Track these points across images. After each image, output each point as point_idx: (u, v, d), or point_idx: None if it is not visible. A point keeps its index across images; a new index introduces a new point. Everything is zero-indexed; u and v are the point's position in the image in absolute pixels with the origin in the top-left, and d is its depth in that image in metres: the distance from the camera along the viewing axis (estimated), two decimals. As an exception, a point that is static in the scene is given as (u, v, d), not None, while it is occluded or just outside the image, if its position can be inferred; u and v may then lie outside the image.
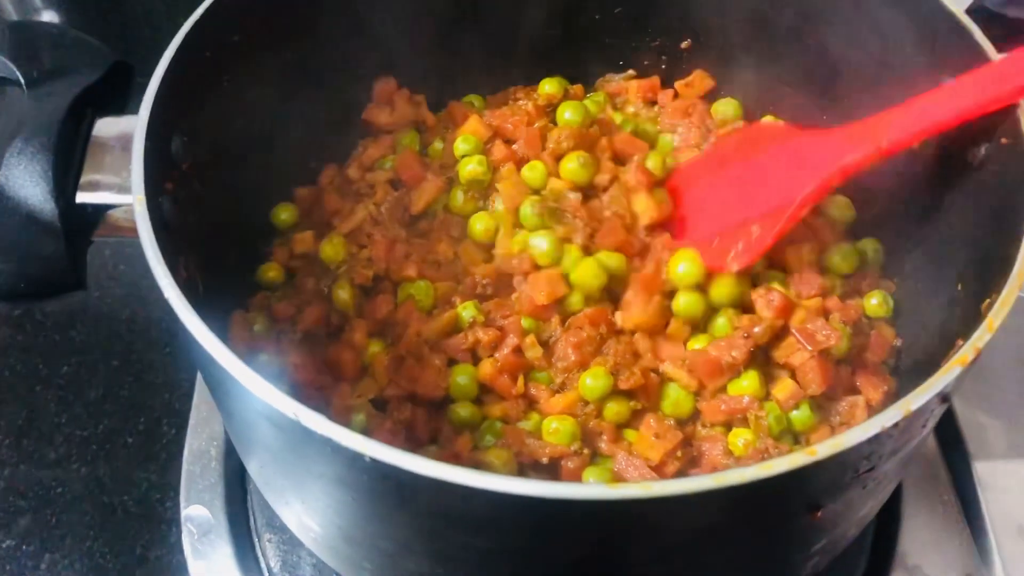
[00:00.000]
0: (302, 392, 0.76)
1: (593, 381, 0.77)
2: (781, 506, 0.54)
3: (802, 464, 0.49)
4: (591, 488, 0.49)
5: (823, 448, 0.50)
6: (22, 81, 0.71)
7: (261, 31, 0.83)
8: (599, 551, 0.55)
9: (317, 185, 0.93)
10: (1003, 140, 0.68)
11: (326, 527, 0.65)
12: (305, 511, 0.66)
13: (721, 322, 0.80)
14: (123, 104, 0.72)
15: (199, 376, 0.97)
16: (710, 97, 1.00)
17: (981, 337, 0.55)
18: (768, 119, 0.96)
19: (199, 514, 0.89)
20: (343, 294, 0.83)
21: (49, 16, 1.39)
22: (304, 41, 0.88)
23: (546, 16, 0.99)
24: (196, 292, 0.75)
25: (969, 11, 0.79)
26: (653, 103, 1.01)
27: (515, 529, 0.53)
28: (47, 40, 0.73)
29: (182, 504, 0.90)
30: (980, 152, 0.71)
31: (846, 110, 0.89)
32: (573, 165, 0.88)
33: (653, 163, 0.89)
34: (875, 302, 0.84)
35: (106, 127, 0.71)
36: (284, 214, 0.90)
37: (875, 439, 0.51)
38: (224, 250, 0.82)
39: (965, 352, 0.54)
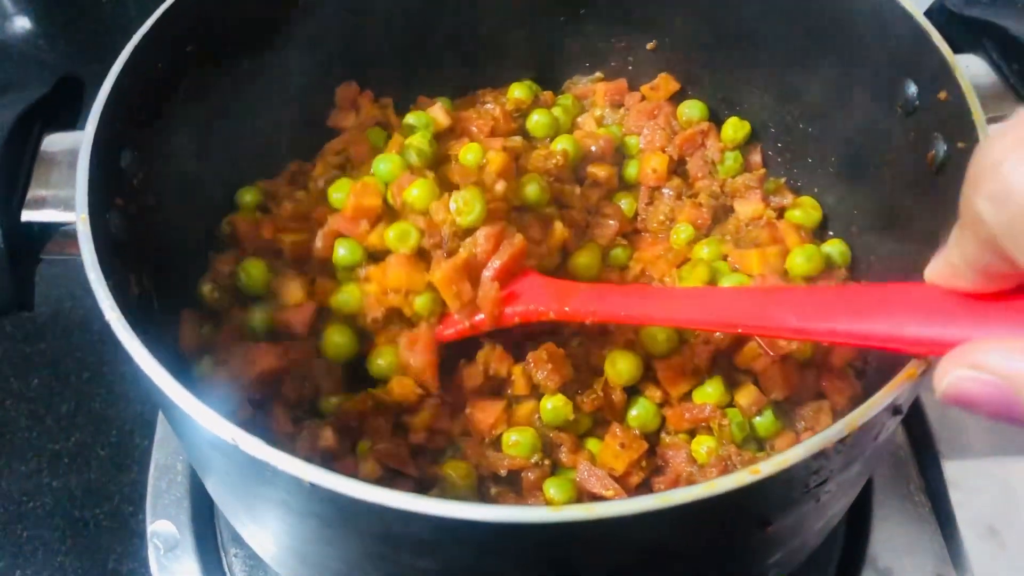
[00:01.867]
0: (252, 399, 0.75)
1: (554, 406, 0.76)
2: (728, 523, 0.54)
3: (746, 483, 0.49)
4: (531, 512, 0.48)
5: (766, 466, 0.49)
6: (-32, 97, 0.70)
7: (217, 40, 0.82)
8: (546, 572, 0.54)
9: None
10: (959, 144, 0.67)
11: (279, 547, 0.65)
12: (259, 531, 0.65)
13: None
14: (75, 119, 0.71)
15: None
16: (677, 99, 0.99)
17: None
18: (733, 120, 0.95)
19: (165, 529, 0.88)
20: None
21: (21, 22, 1.38)
22: (263, 49, 0.87)
23: (512, 18, 0.98)
24: (151, 307, 0.75)
25: (929, 11, 0.79)
26: (620, 106, 1.01)
27: (459, 551, 0.53)
28: (-7, 54, 0.72)
29: (148, 519, 0.89)
30: (938, 156, 0.70)
31: (810, 110, 0.90)
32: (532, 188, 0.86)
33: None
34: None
35: (54, 143, 0.71)
36: (248, 196, 0.89)
37: (821, 455, 0.51)
38: (181, 262, 0.82)
39: (914, 366, 0.53)
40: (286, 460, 0.50)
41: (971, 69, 0.73)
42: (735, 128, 0.95)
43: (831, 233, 0.91)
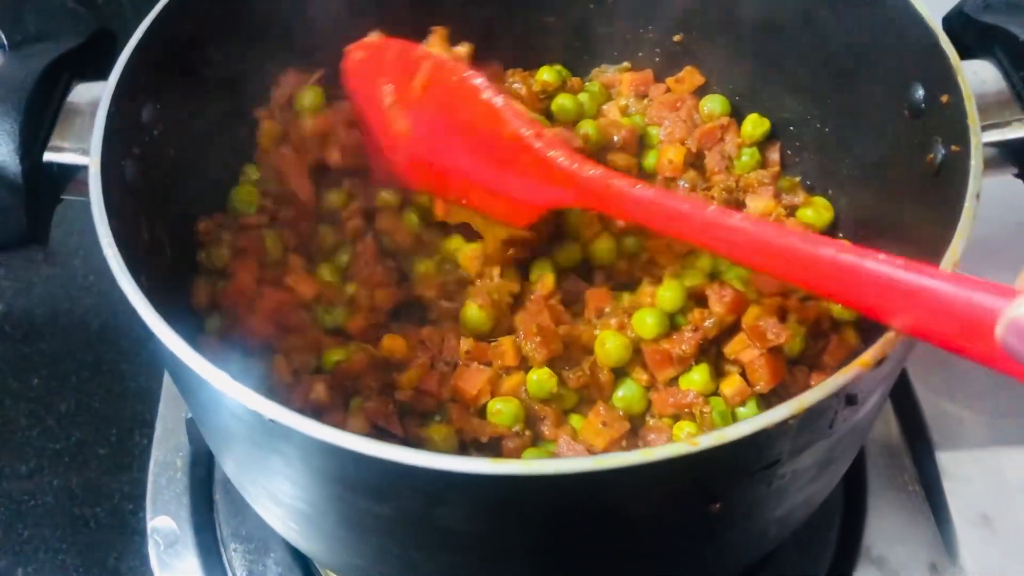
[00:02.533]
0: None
1: (538, 378, 0.77)
2: (670, 494, 0.55)
3: (683, 452, 0.50)
4: (470, 462, 0.50)
5: (706, 439, 0.50)
6: (5, 43, 0.75)
7: (243, 4, 0.85)
8: (492, 524, 0.56)
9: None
10: (954, 148, 0.67)
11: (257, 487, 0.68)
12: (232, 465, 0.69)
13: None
14: (105, 71, 0.75)
15: (164, 386, 0.98)
16: (701, 93, 1.00)
17: (888, 341, 0.55)
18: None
19: (165, 525, 0.90)
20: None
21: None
22: (289, 13, 0.90)
23: (544, 5, 1.00)
24: (162, 256, 0.78)
25: (949, 16, 0.79)
26: (644, 96, 1.02)
27: (410, 499, 0.55)
28: (34, 5, 0.77)
29: (148, 515, 0.90)
30: (937, 158, 0.70)
31: (828, 111, 0.90)
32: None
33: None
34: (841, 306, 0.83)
35: (81, 92, 0.75)
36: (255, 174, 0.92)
37: (765, 434, 0.52)
38: (200, 212, 0.86)
39: (867, 356, 0.54)
40: (250, 396, 0.53)
41: (979, 74, 0.73)
42: (754, 124, 0.95)
43: (840, 235, 0.91)
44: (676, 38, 0.99)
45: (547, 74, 0.99)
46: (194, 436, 0.92)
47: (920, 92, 0.74)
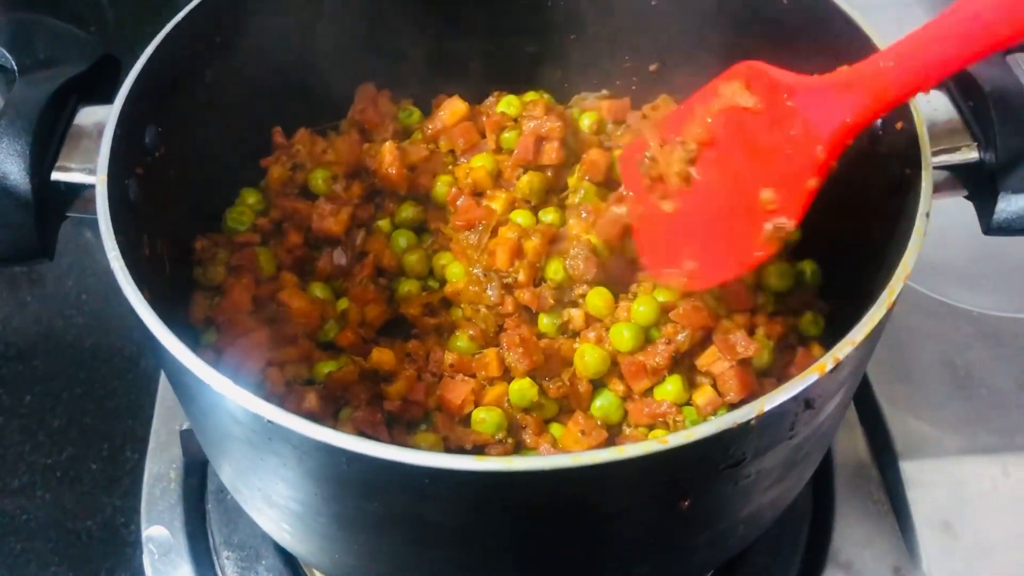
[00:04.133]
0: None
1: (519, 387, 0.82)
2: (641, 491, 0.59)
3: (654, 450, 0.54)
4: (458, 459, 0.54)
5: (674, 438, 0.54)
6: (15, 68, 0.79)
7: (244, 34, 0.90)
8: (475, 519, 0.60)
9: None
10: (907, 171, 0.72)
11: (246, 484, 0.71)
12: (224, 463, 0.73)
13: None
14: (110, 95, 0.78)
15: (158, 399, 1.01)
16: (676, 119, 1.05)
17: (842, 348, 0.59)
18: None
19: (159, 534, 0.93)
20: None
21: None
22: (290, 45, 0.95)
23: (527, 35, 1.05)
24: (162, 271, 0.82)
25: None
26: (622, 122, 1.06)
27: (399, 495, 0.59)
28: (43, 32, 0.81)
29: (143, 525, 0.93)
30: (894, 180, 0.75)
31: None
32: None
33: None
34: (808, 320, 0.88)
35: (87, 115, 0.78)
36: (250, 198, 0.96)
37: (729, 434, 0.56)
38: (197, 231, 0.90)
39: (824, 361, 0.58)
40: (249, 398, 0.56)
41: (932, 103, 0.77)
42: (726, 149, 1.00)
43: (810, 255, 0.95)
44: (652, 67, 1.04)
45: (504, 107, 1.03)
46: (188, 448, 0.95)
47: (878, 121, 0.78)
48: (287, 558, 0.92)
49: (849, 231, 0.86)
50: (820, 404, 0.61)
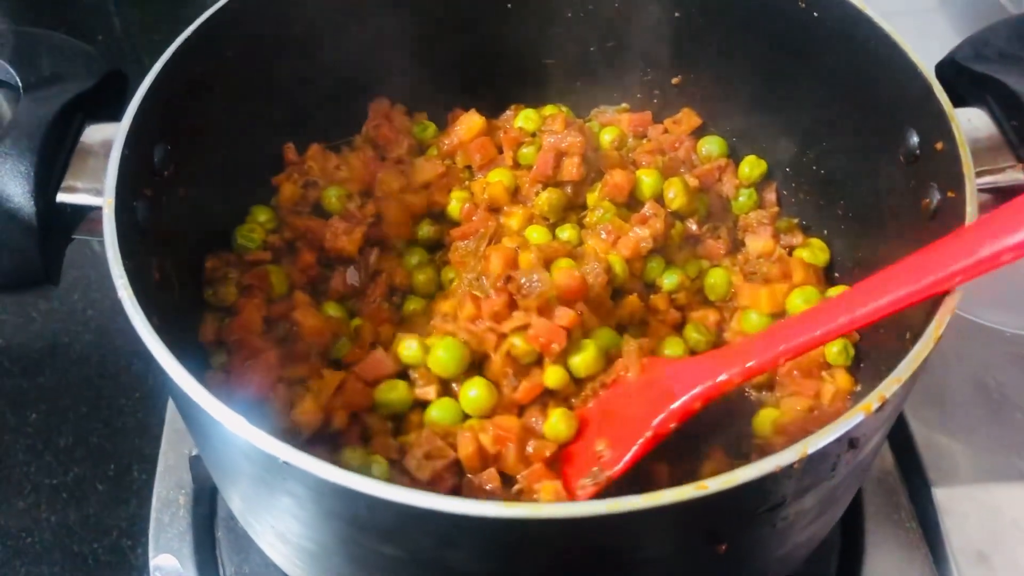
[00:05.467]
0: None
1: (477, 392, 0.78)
2: (678, 536, 0.56)
3: (691, 496, 0.51)
4: (485, 506, 0.51)
5: (714, 483, 0.51)
6: (20, 85, 0.76)
7: (256, 48, 0.87)
8: (501, 566, 0.57)
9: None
10: (949, 194, 0.69)
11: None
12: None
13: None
14: (117, 111, 0.76)
15: (167, 422, 0.98)
16: (699, 134, 1.02)
17: (888, 386, 0.56)
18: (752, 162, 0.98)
19: (168, 563, 0.89)
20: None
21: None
22: (302, 59, 0.92)
23: (544, 47, 1.03)
24: (171, 296, 0.79)
25: (941, 64, 0.81)
26: (643, 136, 1.04)
27: (419, 540, 0.56)
28: (48, 47, 0.78)
29: (151, 553, 0.90)
30: (932, 204, 0.72)
31: (824, 154, 0.92)
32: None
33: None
34: (835, 350, 0.85)
35: (94, 133, 0.76)
36: (262, 216, 0.93)
37: (771, 479, 0.53)
38: (208, 251, 0.87)
39: (869, 400, 0.55)
40: (263, 438, 0.54)
41: (972, 122, 0.75)
42: (752, 166, 0.98)
43: (837, 275, 0.93)
44: (674, 80, 1.01)
45: (522, 121, 1.01)
46: (197, 473, 0.92)
47: (915, 139, 0.76)
48: (300, 590, 0.89)
49: (885, 257, 0.82)
50: (863, 443, 0.58)
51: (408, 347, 0.81)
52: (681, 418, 0.71)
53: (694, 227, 0.95)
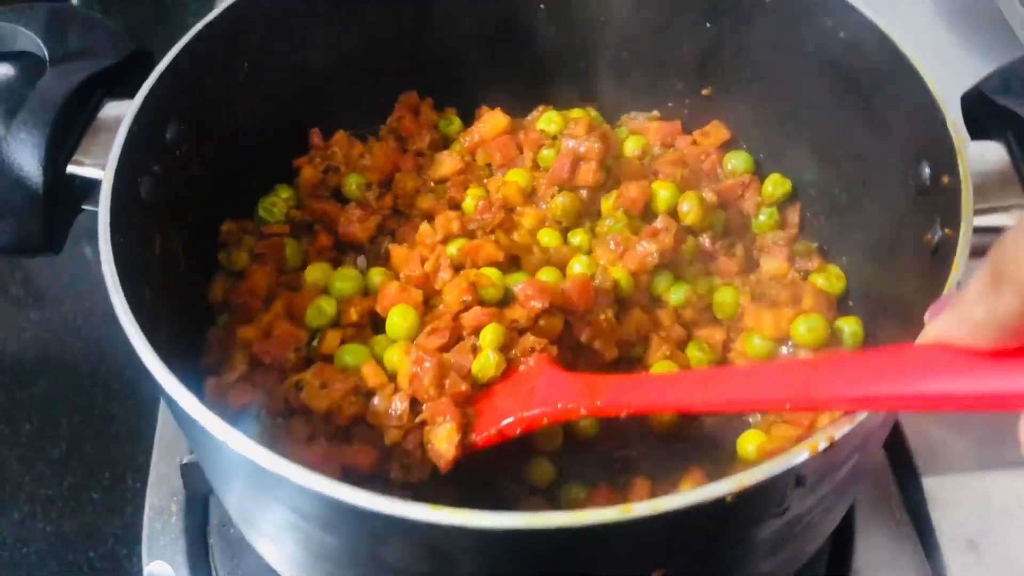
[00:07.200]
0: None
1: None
2: (604, 556, 0.55)
3: (615, 519, 0.50)
4: (483, 517, 0.51)
5: (640, 508, 0.51)
6: (47, 58, 0.79)
7: (283, 35, 0.88)
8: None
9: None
10: (946, 231, 0.66)
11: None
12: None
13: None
14: (137, 90, 0.78)
15: (158, 431, 0.98)
16: (727, 147, 1.00)
17: (839, 426, 0.54)
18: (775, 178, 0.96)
19: (161, 570, 0.90)
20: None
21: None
22: (332, 48, 0.94)
23: (576, 50, 1.02)
24: (178, 269, 0.82)
25: (967, 94, 0.78)
26: (671, 146, 1.02)
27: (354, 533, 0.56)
28: (76, 23, 0.81)
29: (144, 560, 0.90)
30: (934, 239, 0.70)
31: (846, 179, 0.90)
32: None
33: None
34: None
35: (111, 109, 0.78)
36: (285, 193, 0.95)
37: (705, 508, 0.52)
38: (223, 218, 0.90)
39: (817, 439, 0.54)
40: (263, 455, 0.54)
41: (987, 156, 0.72)
42: (775, 184, 0.95)
43: (851, 303, 0.90)
44: (704, 91, 1.00)
45: (544, 124, 1.01)
46: (189, 481, 0.92)
47: (927, 170, 0.73)
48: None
49: (899, 291, 0.80)
50: (815, 482, 0.57)
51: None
52: (527, 428, 0.72)
53: (707, 243, 0.93)
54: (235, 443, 0.55)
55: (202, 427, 0.56)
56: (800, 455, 0.53)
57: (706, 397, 0.63)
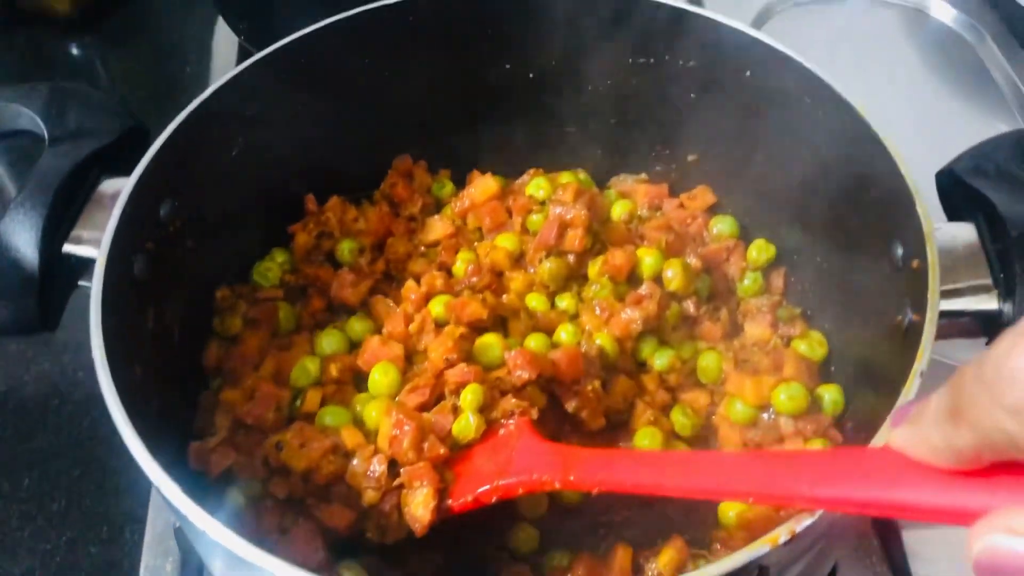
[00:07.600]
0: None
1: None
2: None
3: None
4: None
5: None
6: (47, 137, 0.82)
7: (277, 109, 0.91)
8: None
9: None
10: (914, 316, 0.68)
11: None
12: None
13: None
14: (133, 167, 0.80)
15: (153, 492, 0.97)
16: (714, 211, 1.02)
17: (800, 520, 0.56)
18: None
19: None
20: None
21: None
22: (321, 118, 0.96)
23: (566, 116, 1.04)
24: (171, 340, 0.84)
25: (941, 172, 0.79)
26: (659, 208, 1.04)
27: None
28: (76, 101, 0.84)
29: None
30: (904, 321, 0.71)
31: (828, 249, 0.91)
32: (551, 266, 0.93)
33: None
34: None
35: (108, 187, 0.81)
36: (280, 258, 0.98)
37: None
38: (217, 286, 0.92)
39: (778, 532, 0.55)
40: (253, 552, 0.56)
41: (958, 238, 0.73)
42: (760, 250, 0.97)
43: (833, 369, 0.91)
44: (691, 158, 1.02)
45: (533, 189, 1.02)
46: (183, 544, 0.93)
47: (900, 250, 0.75)
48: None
49: (870, 360, 0.82)
50: (773, 571, 0.58)
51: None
52: (503, 496, 0.73)
53: (691, 308, 0.94)
54: (214, 533, 0.57)
55: (183, 515, 0.58)
56: (761, 549, 0.55)
57: (675, 483, 0.64)
